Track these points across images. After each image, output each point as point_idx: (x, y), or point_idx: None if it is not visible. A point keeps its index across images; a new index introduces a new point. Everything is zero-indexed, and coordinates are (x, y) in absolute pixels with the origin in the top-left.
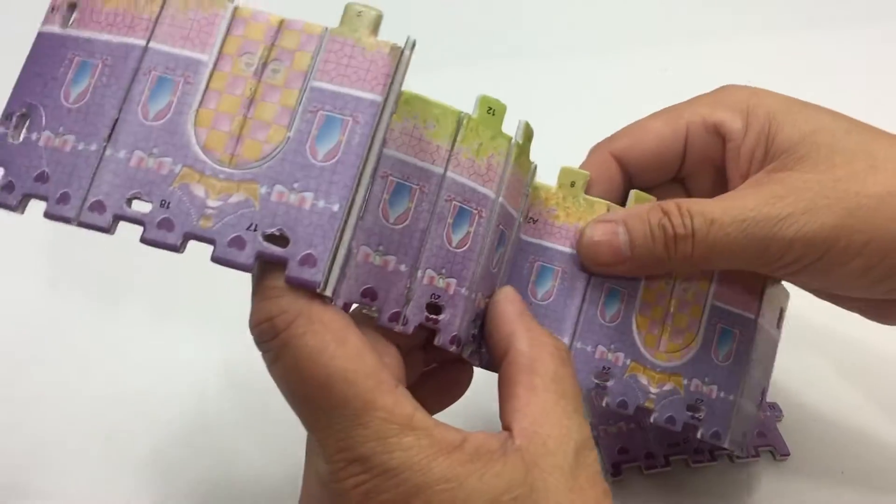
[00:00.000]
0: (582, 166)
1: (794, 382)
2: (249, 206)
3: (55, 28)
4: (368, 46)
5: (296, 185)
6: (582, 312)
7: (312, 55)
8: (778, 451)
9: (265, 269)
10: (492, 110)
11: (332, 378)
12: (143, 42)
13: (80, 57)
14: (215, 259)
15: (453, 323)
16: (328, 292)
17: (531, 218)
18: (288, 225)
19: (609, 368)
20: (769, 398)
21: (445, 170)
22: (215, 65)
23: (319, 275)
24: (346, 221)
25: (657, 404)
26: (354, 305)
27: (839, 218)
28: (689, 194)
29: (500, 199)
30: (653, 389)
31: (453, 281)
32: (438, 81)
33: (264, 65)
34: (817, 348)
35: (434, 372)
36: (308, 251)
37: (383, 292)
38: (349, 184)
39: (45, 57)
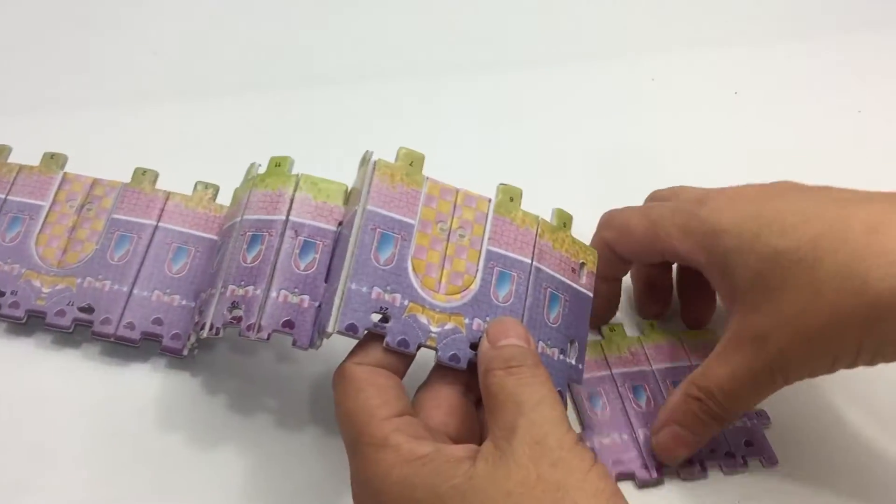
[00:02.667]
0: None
1: (781, 389)
2: (69, 291)
3: None
4: (147, 190)
5: (99, 276)
6: (354, 256)
7: (113, 200)
8: (766, 460)
9: None
10: (279, 165)
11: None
12: (3, 196)
13: None
14: (45, 323)
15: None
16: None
17: None
18: (94, 300)
19: (387, 309)
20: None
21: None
22: (50, 207)
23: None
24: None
25: (439, 343)
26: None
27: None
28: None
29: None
30: (433, 328)
31: (251, 288)
32: (431, 89)
33: (82, 206)
34: None
35: None
36: (105, 315)
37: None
38: None
39: None
